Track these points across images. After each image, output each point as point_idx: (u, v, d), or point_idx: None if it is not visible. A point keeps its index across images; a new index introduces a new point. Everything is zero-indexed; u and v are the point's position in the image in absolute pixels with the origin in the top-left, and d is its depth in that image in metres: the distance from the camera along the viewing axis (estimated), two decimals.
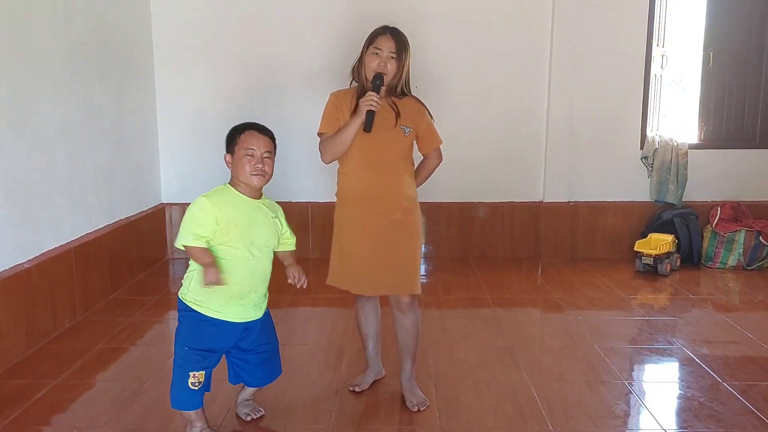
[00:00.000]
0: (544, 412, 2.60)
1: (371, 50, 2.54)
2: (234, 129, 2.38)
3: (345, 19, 4.90)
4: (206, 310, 2.29)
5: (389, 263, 2.59)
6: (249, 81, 4.97)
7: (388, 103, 2.57)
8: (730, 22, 5.13)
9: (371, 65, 2.53)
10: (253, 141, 2.33)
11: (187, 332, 2.32)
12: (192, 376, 2.30)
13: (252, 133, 2.35)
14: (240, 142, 2.33)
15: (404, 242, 2.61)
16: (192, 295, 2.31)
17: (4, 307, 3.02)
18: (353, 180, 2.60)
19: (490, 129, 5.05)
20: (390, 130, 2.54)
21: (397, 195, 2.60)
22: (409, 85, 2.64)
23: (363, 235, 2.59)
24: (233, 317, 2.33)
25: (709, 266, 4.89)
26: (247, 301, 2.35)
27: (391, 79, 2.55)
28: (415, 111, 2.62)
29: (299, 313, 3.85)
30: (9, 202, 3.13)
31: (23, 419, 2.56)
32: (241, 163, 2.30)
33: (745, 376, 2.95)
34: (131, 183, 4.54)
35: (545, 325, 3.81)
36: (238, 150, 2.32)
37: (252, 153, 2.31)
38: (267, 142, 2.36)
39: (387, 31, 2.56)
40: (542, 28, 4.93)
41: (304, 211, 5.02)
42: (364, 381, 2.81)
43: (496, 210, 5.14)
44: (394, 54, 2.52)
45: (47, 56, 3.48)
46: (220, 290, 2.25)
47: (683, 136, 5.16)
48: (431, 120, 2.68)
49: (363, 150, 2.56)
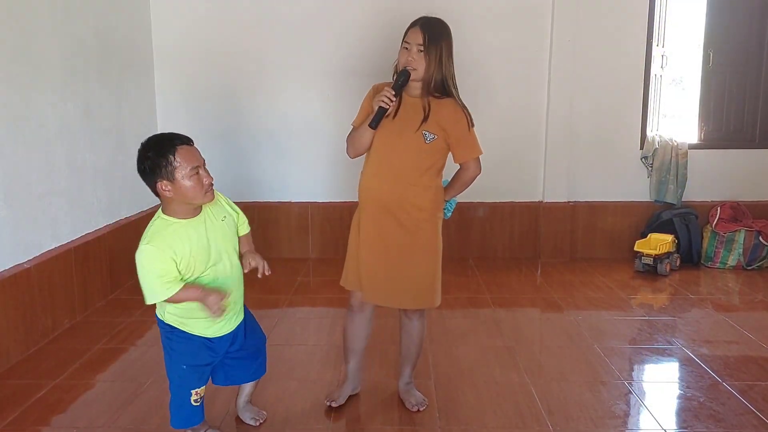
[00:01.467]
0: (543, 412, 2.60)
1: (402, 45, 2.38)
2: (157, 151, 2.03)
3: (345, 18, 4.89)
4: (192, 329, 2.19)
5: (401, 276, 2.47)
6: (249, 81, 4.96)
7: (423, 104, 2.38)
8: (730, 22, 5.12)
9: (401, 60, 2.37)
10: (191, 157, 2.05)
11: (182, 350, 2.21)
12: (194, 393, 2.24)
13: (186, 148, 2.05)
14: (180, 160, 2.02)
15: (417, 257, 2.47)
16: (171, 317, 2.18)
17: (4, 307, 3.02)
18: (367, 183, 2.48)
19: (490, 129, 5.02)
20: (410, 133, 2.37)
21: (408, 205, 2.42)
22: (453, 84, 2.43)
23: (377, 243, 2.47)
24: (221, 332, 2.24)
25: (709, 266, 4.89)
26: (230, 313, 2.24)
27: (422, 75, 2.35)
28: (448, 116, 2.40)
29: (299, 313, 3.84)
30: (8, 202, 3.13)
31: (22, 419, 2.56)
32: (189, 184, 2.03)
33: (745, 376, 2.95)
34: (131, 183, 4.53)
35: (545, 325, 3.81)
36: (180, 172, 2.01)
37: (197, 171, 2.05)
38: (198, 151, 2.11)
39: (418, 22, 2.37)
40: (542, 28, 4.93)
41: (303, 211, 5.02)
42: (341, 394, 2.67)
43: (495, 210, 5.14)
44: (422, 47, 2.32)
45: (47, 56, 3.48)
46: (200, 315, 2.13)
47: (683, 136, 5.16)
48: (468, 128, 2.43)
49: (381, 151, 2.43)
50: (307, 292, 4.23)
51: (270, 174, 5.01)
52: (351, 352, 2.69)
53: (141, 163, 2.06)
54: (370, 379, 2.89)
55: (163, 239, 2.04)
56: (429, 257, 2.50)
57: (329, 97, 4.96)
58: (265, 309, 3.73)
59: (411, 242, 2.45)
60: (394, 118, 2.40)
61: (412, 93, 2.43)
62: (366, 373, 2.93)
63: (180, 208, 2.10)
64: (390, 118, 2.40)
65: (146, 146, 2.06)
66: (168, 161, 2.02)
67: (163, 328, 2.23)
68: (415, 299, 2.53)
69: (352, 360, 2.70)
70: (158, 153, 2.03)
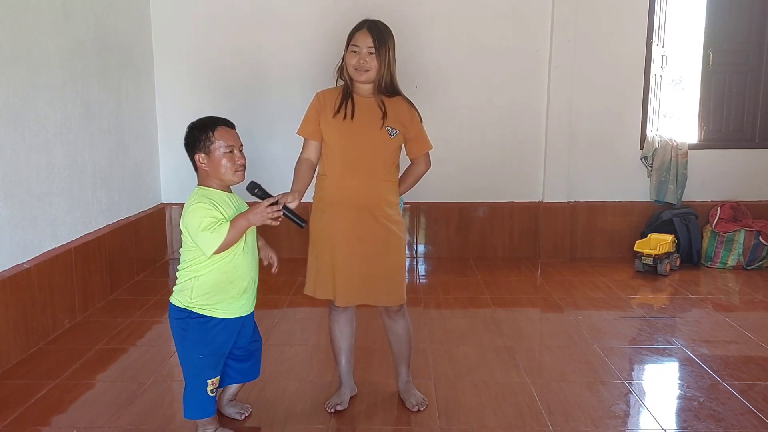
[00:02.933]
0: (543, 412, 2.60)
1: (350, 48, 2.44)
2: (200, 127, 2.28)
3: (344, 18, 4.86)
4: (214, 311, 2.27)
5: (379, 274, 2.49)
6: (248, 80, 4.97)
7: (377, 102, 2.46)
8: (730, 22, 5.13)
9: (351, 63, 2.43)
10: (229, 137, 2.27)
11: (197, 339, 2.27)
12: (210, 383, 2.29)
13: (225, 129, 2.28)
14: (216, 139, 2.25)
15: (392, 252, 2.51)
16: (198, 301, 2.26)
17: (4, 307, 3.02)
18: (335, 185, 2.49)
19: (490, 129, 5.05)
20: (375, 131, 2.44)
21: (382, 202, 2.48)
22: (396, 81, 2.51)
23: (354, 244, 2.47)
24: (239, 312, 2.33)
25: (709, 266, 4.89)
26: (250, 293, 2.36)
27: (374, 76, 2.43)
28: (404, 112, 2.50)
29: (299, 313, 3.84)
30: (8, 203, 3.13)
31: (22, 420, 2.56)
32: (220, 162, 2.24)
33: (745, 376, 2.95)
34: (131, 183, 4.54)
35: (545, 325, 3.81)
36: (215, 149, 2.24)
37: (232, 149, 2.26)
38: (237, 135, 2.32)
39: (364, 25, 2.46)
40: (542, 28, 4.93)
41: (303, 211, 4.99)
42: (342, 399, 2.64)
43: (495, 210, 5.14)
44: (373, 50, 2.40)
45: (46, 56, 3.48)
46: (227, 290, 2.26)
47: (683, 136, 5.16)
48: (421, 123, 2.55)
49: (345, 151, 2.46)
50: None
51: (270, 174, 5.00)
52: (340, 351, 2.68)
53: (186, 138, 2.30)
54: (370, 379, 2.89)
55: (208, 200, 2.23)
56: (400, 252, 2.55)
57: None
58: (265, 309, 3.73)
59: (386, 237, 2.50)
60: (352, 119, 2.45)
61: (363, 94, 2.49)
62: (366, 373, 2.94)
63: (214, 184, 2.28)
64: (348, 120, 2.45)
65: (192, 123, 2.30)
66: (207, 136, 2.24)
67: (179, 317, 2.29)
68: (390, 295, 2.55)
69: (342, 358, 2.69)
70: (200, 128, 2.26)
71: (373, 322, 3.35)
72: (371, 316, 3.28)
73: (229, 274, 2.27)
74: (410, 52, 4.49)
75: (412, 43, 4.76)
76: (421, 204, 5.12)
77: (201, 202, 2.21)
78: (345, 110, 2.46)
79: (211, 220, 2.17)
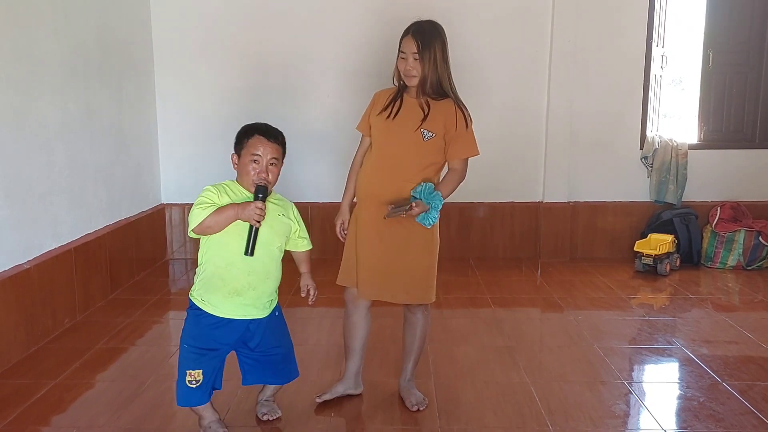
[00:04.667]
0: (543, 412, 2.60)
1: (399, 54, 2.47)
2: (244, 130, 2.32)
3: (346, 18, 4.89)
4: (208, 306, 2.29)
5: (399, 271, 2.51)
6: (249, 80, 4.97)
7: (419, 104, 2.47)
8: (730, 22, 5.13)
9: (400, 68, 2.48)
10: (260, 147, 2.27)
11: (189, 330, 2.33)
12: (189, 374, 2.29)
13: (260, 138, 2.28)
14: (247, 146, 2.27)
15: (414, 251, 2.51)
16: (197, 292, 2.32)
17: (4, 307, 3.02)
18: (367, 179, 2.55)
19: (490, 129, 5.04)
20: (410, 132, 2.45)
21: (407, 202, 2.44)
22: (450, 83, 2.49)
23: (374, 239, 2.52)
24: (232, 314, 2.30)
25: (709, 266, 4.89)
26: (245, 299, 2.30)
27: (420, 79, 2.44)
28: (447, 114, 2.47)
29: (299, 313, 3.84)
30: (9, 203, 3.13)
31: (23, 419, 2.56)
32: (246, 168, 2.27)
33: (745, 376, 2.95)
34: (131, 183, 4.54)
35: (545, 325, 3.81)
36: (245, 154, 2.27)
37: (257, 159, 2.26)
38: (275, 148, 2.30)
39: (410, 31, 2.46)
40: (542, 28, 4.93)
41: (304, 211, 4.92)
42: (331, 391, 2.66)
43: (495, 210, 5.14)
44: (417, 55, 2.41)
45: (47, 56, 3.48)
46: (219, 286, 2.26)
47: (683, 136, 5.16)
48: (466, 126, 2.49)
49: (381, 149, 2.52)
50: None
51: None
52: (350, 351, 2.70)
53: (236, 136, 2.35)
54: (370, 379, 2.89)
55: (221, 187, 2.27)
56: (425, 252, 2.55)
57: (330, 97, 4.96)
58: None
59: (407, 237, 2.50)
60: (394, 119, 2.49)
61: (412, 95, 2.51)
62: (366, 373, 2.93)
63: (242, 182, 2.30)
64: (390, 119, 2.50)
65: (245, 125, 2.35)
66: (243, 141, 2.30)
67: (189, 305, 2.36)
68: (408, 293, 2.56)
69: (350, 359, 2.71)
70: (244, 132, 2.32)
71: (375, 322, 3.33)
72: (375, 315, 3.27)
73: (222, 270, 2.26)
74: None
75: None
76: None
77: (212, 186, 2.26)
78: (390, 109, 2.51)
79: (206, 200, 2.21)
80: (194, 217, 2.19)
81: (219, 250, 2.26)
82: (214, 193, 2.23)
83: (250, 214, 2.18)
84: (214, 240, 2.26)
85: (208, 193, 2.23)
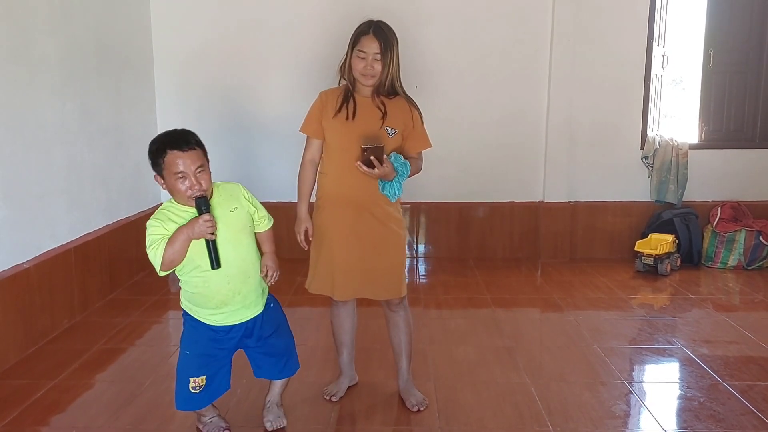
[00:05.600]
0: (543, 413, 2.60)
1: (356, 53, 2.45)
2: (153, 149, 2.12)
3: (344, 19, 4.87)
4: (201, 318, 2.27)
5: (378, 269, 2.53)
6: (248, 81, 4.96)
7: (376, 104, 2.49)
8: (730, 22, 5.12)
9: (357, 68, 2.46)
10: (179, 162, 2.08)
11: (188, 336, 2.30)
12: (192, 381, 2.27)
13: (175, 153, 2.08)
14: (166, 165, 2.09)
15: (392, 246, 2.56)
16: (185, 302, 2.29)
17: (3, 307, 3.01)
18: (335, 182, 2.53)
19: (490, 129, 5.05)
20: (374, 131, 2.46)
21: (381, 200, 2.51)
22: (399, 82, 2.52)
23: (351, 240, 2.51)
24: (228, 321, 2.27)
25: (710, 266, 4.88)
26: (234, 305, 2.26)
27: (377, 79, 2.47)
28: (403, 111, 2.52)
29: (298, 313, 3.83)
30: (7, 203, 3.12)
31: (21, 420, 2.55)
32: (176, 187, 2.11)
33: (745, 376, 2.94)
34: (130, 183, 4.54)
35: (545, 326, 3.80)
36: (167, 175, 2.10)
37: (184, 176, 2.09)
38: (195, 155, 2.11)
39: (370, 29, 2.47)
40: (542, 28, 4.92)
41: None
42: (339, 388, 2.74)
43: (495, 210, 5.13)
44: (379, 55, 2.43)
45: (45, 56, 3.48)
46: (204, 302, 2.22)
47: (683, 135, 5.16)
48: (421, 121, 2.57)
49: (344, 151, 2.47)
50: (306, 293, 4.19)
51: (269, 174, 5.00)
52: (342, 345, 2.78)
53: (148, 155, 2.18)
54: (370, 379, 2.89)
55: (164, 216, 2.14)
56: (399, 249, 2.60)
57: None
58: None
59: (383, 234, 2.53)
60: (353, 119, 2.48)
61: (365, 94, 2.52)
62: (366, 374, 2.93)
63: (182, 201, 2.16)
64: (349, 120, 2.48)
65: (152, 141, 2.16)
66: (158, 161, 2.12)
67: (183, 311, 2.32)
68: (388, 290, 2.58)
69: (344, 351, 2.78)
70: (153, 152, 2.14)
71: (373, 323, 3.35)
72: (371, 316, 3.28)
73: (200, 288, 2.20)
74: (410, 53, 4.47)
75: (412, 44, 4.74)
76: (421, 204, 5.12)
77: (153, 219, 2.13)
78: (346, 110, 2.49)
79: (155, 237, 2.09)
80: (153, 258, 2.09)
81: (190, 271, 2.19)
82: (159, 226, 2.10)
83: (201, 230, 2.07)
84: (183, 264, 2.16)
85: (153, 229, 2.10)
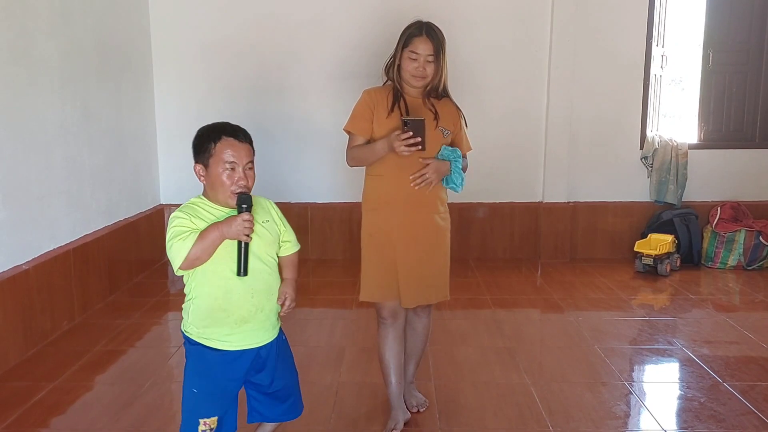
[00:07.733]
0: (544, 413, 2.60)
1: (407, 54, 2.38)
2: (206, 135, 1.96)
3: (344, 19, 4.89)
4: (211, 341, 1.94)
5: (432, 273, 2.49)
6: (247, 81, 4.96)
7: (427, 105, 2.45)
8: (730, 22, 5.12)
9: (408, 69, 2.38)
10: (233, 152, 1.92)
11: (194, 370, 1.97)
12: (202, 423, 1.94)
13: (230, 141, 1.93)
14: (216, 152, 1.92)
15: (442, 249, 2.51)
16: (194, 328, 1.96)
17: (3, 308, 3.01)
18: (391, 183, 2.41)
19: (490, 129, 5.04)
20: (430, 131, 2.38)
21: (437, 200, 2.47)
22: (446, 84, 2.49)
23: (410, 244, 2.43)
24: (243, 344, 1.96)
25: (709, 266, 4.88)
26: (255, 323, 1.98)
27: (429, 82, 2.42)
28: (452, 114, 2.50)
29: (298, 314, 3.83)
30: (7, 204, 3.12)
31: (21, 422, 2.55)
32: (220, 179, 1.91)
33: (746, 377, 2.94)
34: (130, 184, 4.54)
35: (545, 326, 3.80)
36: (215, 163, 1.91)
37: (233, 167, 1.92)
38: (248, 150, 1.97)
39: (422, 31, 2.40)
40: (542, 28, 4.92)
41: (303, 212, 5.01)
42: (397, 422, 2.48)
43: (495, 210, 5.13)
44: (432, 57, 2.38)
45: (45, 57, 3.48)
46: (221, 318, 1.93)
47: (683, 136, 5.16)
48: (465, 125, 2.57)
49: None
50: (306, 293, 4.21)
51: (269, 174, 4.99)
52: (392, 370, 2.51)
53: (192, 142, 2.01)
54: (371, 380, 2.89)
55: (192, 210, 1.94)
56: (447, 250, 2.55)
57: (329, 97, 4.96)
58: None
59: (436, 235, 2.49)
60: None
61: (412, 95, 2.47)
62: (366, 374, 2.93)
63: (215, 197, 1.96)
64: None
65: (200, 129, 2.00)
66: (209, 148, 1.94)
67: (185, 340, 2.02)
68: (438, 293, 2.55)
69: (393, 379, 2.51)
70: (206, 137, 1.96)
71: (374, 323, 3.34)
72: (371, 317, 3.27)
73: (220, 300, 1.92)
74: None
75: None
76: None
77: (180, 212, 1.94)
78: (399, 110, 2.41)
79: (182, 229, 1.89)
80: (176, 251, 1.87)
81: (211, 279, 1.93)
82: (187, 218, 1.91)
83: (238, 230, 1.87)
84: (202, 270, 1.92)
85: (180, 221, 1.91)
